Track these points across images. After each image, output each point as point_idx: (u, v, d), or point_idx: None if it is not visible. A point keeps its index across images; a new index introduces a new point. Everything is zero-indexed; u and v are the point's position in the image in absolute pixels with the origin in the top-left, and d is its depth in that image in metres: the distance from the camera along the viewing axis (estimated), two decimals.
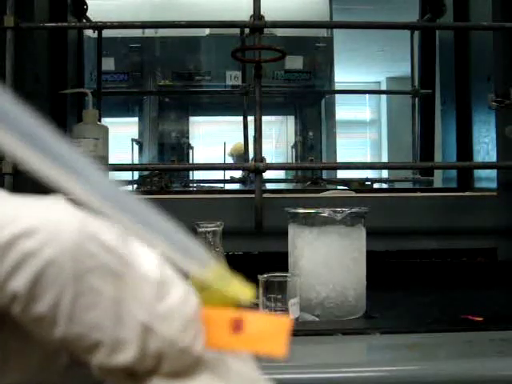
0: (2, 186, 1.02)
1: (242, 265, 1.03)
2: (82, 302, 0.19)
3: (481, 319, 0.75)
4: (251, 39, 1.18)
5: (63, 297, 0.19)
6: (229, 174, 1.88)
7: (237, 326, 0.21)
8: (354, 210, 0.79)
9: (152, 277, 0.20)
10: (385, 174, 2.29)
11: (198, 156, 2.72)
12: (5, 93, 0.19)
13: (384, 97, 4.89)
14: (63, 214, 0.19)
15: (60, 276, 0.19)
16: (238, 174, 1.85)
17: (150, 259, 0.21)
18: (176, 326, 0.20)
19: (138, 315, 0.20)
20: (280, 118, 2.99)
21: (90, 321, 0.19)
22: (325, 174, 1.91)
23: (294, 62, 2.41)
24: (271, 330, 0.21)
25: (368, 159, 4.95)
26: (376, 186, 1.92)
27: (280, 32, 2.22)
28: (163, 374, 0.20)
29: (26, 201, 0.19)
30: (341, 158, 2.85)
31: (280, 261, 0.84)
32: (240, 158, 2.19)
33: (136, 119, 2.62)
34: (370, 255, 0.82)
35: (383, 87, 4.97)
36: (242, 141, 1.80)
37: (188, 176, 2.14)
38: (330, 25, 2.27)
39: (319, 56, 2.50)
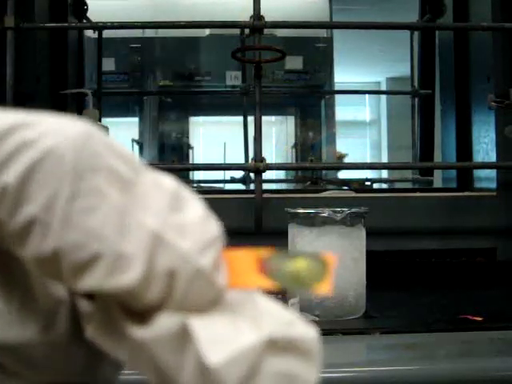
0: None
1: None
2: (81, 204, 0.16)
3: (480, 319, 0.75)
4: (251, 39, 1.18)
5: (59, 195, 0.16)
6: (229, 174, 1.88)
7: (265, 266, 0.19)
8: (353, 210, 0.79)
9: (167, 188, 0.18)
10: (385, 174, 2.29)
11: (198, 156, 2.72)
12: None
13: (384, 97, 4.89)
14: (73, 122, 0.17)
15: (57, 170, 0.16)
16: (238, 174, 1.85)
17: (165, 176, 0.18)
18: (193, 241, 0.17)
19: (147, 223, 0.17)
20: (280, 118, 2.99)
21: (89, 227, 0.16)
22: (325, 174, 1.91)
23: (294, 62, 2.41)
24: (312, 268, 0.19)
25: (368, 159, 4.95)
26: (376, 186, 1.92)
27: (280, 32, 2.22)
28: (173, 307, 0.17)
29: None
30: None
31: None
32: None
33: (136, 119, 2.62)
34: (370, 255, 0.82)
35: (383, 87, 4.97)
36: (241, 141, 1.80)
37: (188, 176, 2.14)
38: (330, 25, 2.27)
39: (319, 56, 2.50)
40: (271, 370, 0.17)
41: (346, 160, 3.01)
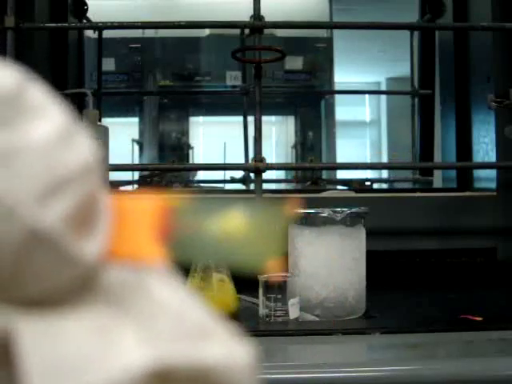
0: None
1: None
2: None
3: (480, 319, 0.75)
4: (251, 39, 1.18)
5: None
6: (229, 174, 1.88)
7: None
8: (353, 210, 0.79)
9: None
10: (384, 174, 2.29)
11: (198, 156, 2.72)
12: None
13: (384, 97, 4.88)
14: None
15: None
16: (238, 174, 1.85)
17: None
18: (28, 184, 0.11)
19: None
20: (280, 118, 2.99)
21: None
22: (325, 175, 1.91)
23: (294, 63, 2.41)
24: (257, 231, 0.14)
25: (368, 159, 4.94)
26: (376, 186, 1.92)
27: (280, 32, 2.22)
28: (26, 299, 0.11)
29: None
30: (341, 158, 2.85)
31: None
32: None
33: (136, 119, 2.62)
34: (370, 255, 0.82)
35: (383, 87, 4.97)
36: (241, 141, 1.80)
37: (188, 176, 2.14)
38: (330, 25, 2.27)
39: (319, 56, 2.50)
40: None
41: (346, 160, 3.01)
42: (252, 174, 1.20)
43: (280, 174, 2.31)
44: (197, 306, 0.13)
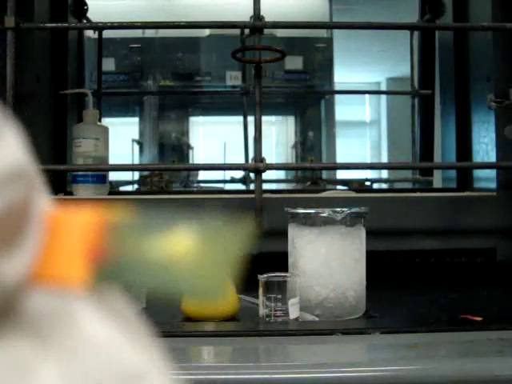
0: None
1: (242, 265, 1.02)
2: None
3: (480, 319, 0.75)
4: (251, 40, 1.18)
5: None
6: (229, 174, 1.88)
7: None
8: (353, 210, 0.79)
9: None
10: (384, 174, 2.29)
11: (198, 156, 2.72)
12: None
13: (384, 97, 4.88)
14: None
15: None
16: (238, 174, 1.85)
17: None
18: None
19: None
20: (280, 118, 3.00)
21: None
22: (325, 175, 1.91)
23: (294, 63, 2.41)
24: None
25: (368, 159, 4.94)
26: (376, 186, 1.92)
27: (280, 32, 2.22)
28: None
29: None
30: (341, 158, 2.85)
31: (280, 261, 0.84)
32: None
33: (136, 119, 2.62)
34: (370, 255, 0.82)
35: (383, 87, 4.97)
36: (242, 141, 1.80)
37: (188, 176, 2.14)
38: (330, 25, 2.27)
39: (319, 56, 2.50)
40: None
41: (346, 160, 3.01)
42: (252, 174, 1.20)
43: (280, 174, 2.31)
44: (130, 342, 0.11)
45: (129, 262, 0.12)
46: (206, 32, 2.39)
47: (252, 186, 1.20)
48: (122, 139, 2.43)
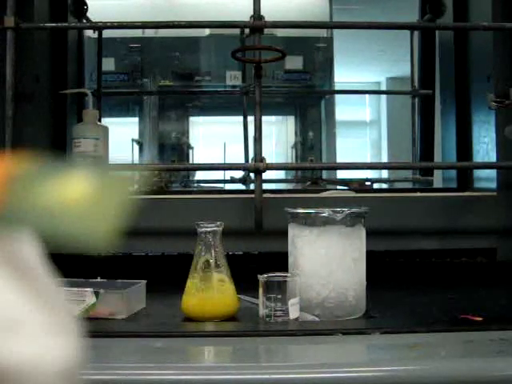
0: None
1: (242, 265, 1.03)
2: None
3: (480, 319, 0.75)
4: (251, 39, 1.18)
5: None
6: (229, 174, 1.88)
7: None
8: (353, 210, 0.79)
9: None
10: (385, 174, 2.29)
11: (198, 156, 2.72)
12: None
13: (384, 97, 4.88)
14: None
15: None
16: (238, 174, 1.85)
17: None
18: None
19: None
20: (280, 118, 2.99)
21: None
22: (325, 174, 1.91)
23: (294, 62, 2.40)
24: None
25: (368, 159, 4.94)
26: (376, 186, 1.92)
27: (280, 32, 2.22)
28: None
29: None
30: (341, 158, 2.85)
31: (280, 261, 0.84)
32: None
33: (136, 119, 2.62)
34: (370, 255, 0.82)
35: (383, 87, 4.97)
36: (242, 141, 1.80)
37: (188, 176, 2.14)
38: (330, 25, 2.27)
39: (319, 56, 2.49)
40: None
41: (346, 160, 3.01)
42: (252, 174, 1.20)
43: (280, 174, 2.31)
44: (7, 291, 0.10)
45: (27, 209, 0.12)
46: (206, 32, 2.39)
47: (252, 186, 1.20)
48: (122, 139, 2.43)
